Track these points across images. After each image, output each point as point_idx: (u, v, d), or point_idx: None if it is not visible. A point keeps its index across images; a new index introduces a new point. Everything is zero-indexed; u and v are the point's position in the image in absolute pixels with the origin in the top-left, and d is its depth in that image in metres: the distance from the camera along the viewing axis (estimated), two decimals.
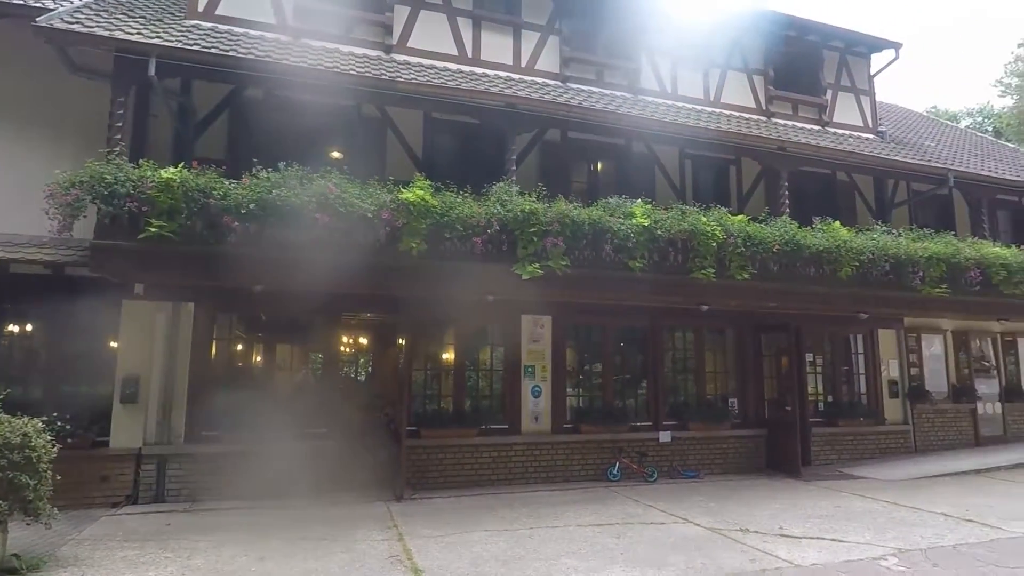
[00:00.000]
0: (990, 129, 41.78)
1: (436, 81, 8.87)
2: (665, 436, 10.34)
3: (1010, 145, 19.78)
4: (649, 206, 8.75)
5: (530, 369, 9.84)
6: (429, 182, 7.63)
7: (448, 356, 10.04)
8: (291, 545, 6.20)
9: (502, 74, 10.31)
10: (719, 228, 8.80)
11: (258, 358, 9.63)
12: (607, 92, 11.00)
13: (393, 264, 7.46)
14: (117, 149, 7.00)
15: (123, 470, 7.94)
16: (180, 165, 6.89)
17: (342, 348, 11.34)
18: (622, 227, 8.27)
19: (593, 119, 9.58)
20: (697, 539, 6.58)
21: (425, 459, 9.15)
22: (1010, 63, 47.50)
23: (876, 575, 5.50)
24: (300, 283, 7.40)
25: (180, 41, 7.77)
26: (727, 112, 11.92)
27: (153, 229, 6.58)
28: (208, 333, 8.64)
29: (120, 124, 7.42)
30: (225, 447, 8.20)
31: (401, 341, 9.77)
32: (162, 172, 6.66)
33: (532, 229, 7.79)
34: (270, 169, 7.11)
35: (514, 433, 9.63)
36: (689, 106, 11.62)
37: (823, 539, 6.62)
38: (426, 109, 9.38)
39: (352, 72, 8.43)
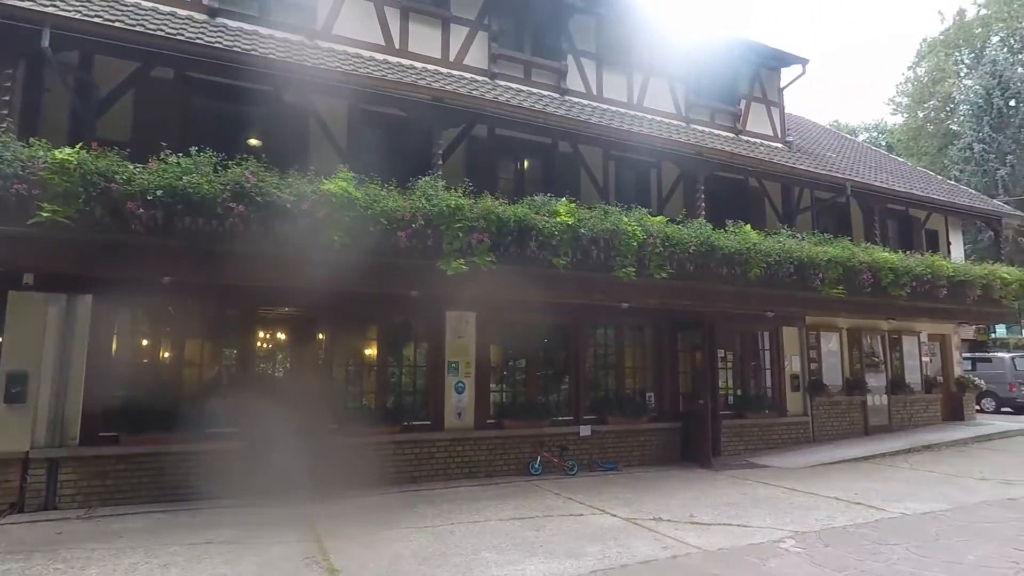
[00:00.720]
0: (884, 143, 45.41)
1: (362, 71, 8.67)
2: (585, 430, 10.61)
3: (900, 159, 21.55)
4: (573, 205, 8.91)
5: (454, 365, 9.82)
6: (353, 174, 7.45)
7: (371, 352, 9.86)
8: (197, 551, 5.91)
9: (430, 67, 10.23)
10: (640, 228, 9.09)
11: (166, 355, 9.07)
12: (535, 91, 11.13)
13: (314, 258, 7.24)
14: (3, 126, 6.40)
15: (7, 476, 7.29)
16: (78, 146, 6.38)
17: (258, 344, 10.89)
18: (547, 225, 8.39)
19: (521, 117, 9.67)
20: (613, 529, 6.80)
21: (347, 457, 8.93)
22: (901, 84, 51.80)
23: (775, 556, 5.88)
24: (213, 276, 7.05)
25: (79, 12, 7.20)
26: (649, 116, 12.35)
27: (45, 214, 6.06)
28: (108, 328, 8.06)
29: (7, 98, 6.79)
30: (126, 449, 7.70)
31: (321, 336, 9.50)
32: (56, 153, 6.15)
33: (458, 225, 7.76)
34: (180, 155, 6.72)
35: (437, 429, 9.59)
36: (614, 108, 11.95)
37: (730, 525, 7.01)
38: (351, 99, 9.16)
39: (272, 56, 8.10)
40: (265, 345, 12.70)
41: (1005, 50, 42.39)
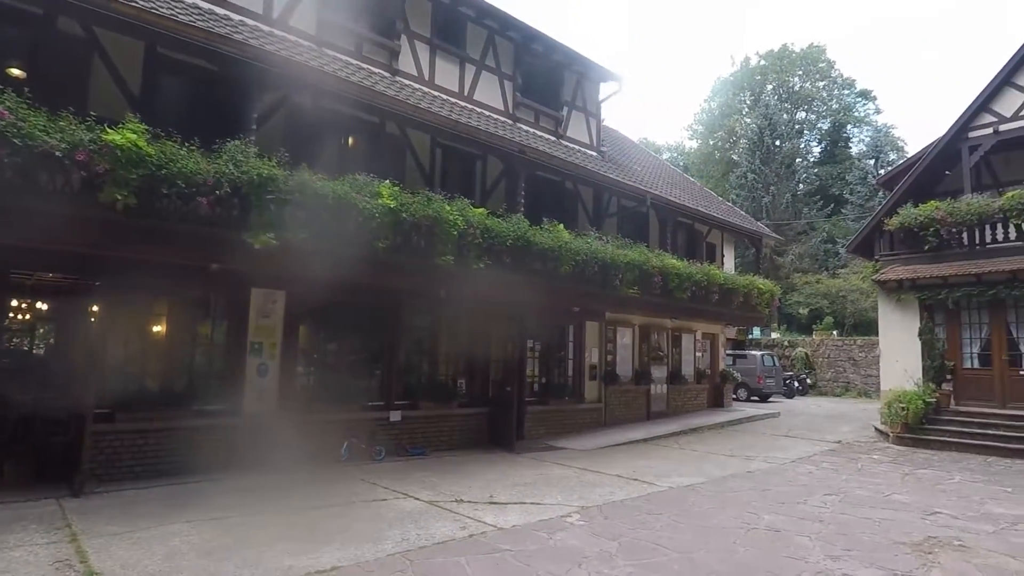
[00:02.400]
0: (682, 164, 51.26)
1: (165, 11, 7.65)
2: (396, 415, 10.57)
3: (692, 179, 24.53)
4: (397, 188, 8.81)
5: (257, 346, 9.17)
6: (146, 126, 6.58)
7: (159, 329, 8.81)
8: None
9: (249, 21, 9.37)
10: (461, 218, 9.27)
11: None
12: (365, 67, 10.76)
13: (91, 217, 6.28)
14: None
15: None
16: None
17: (12, 315, 9.20)
18: (368, 206, 8.19)
19: (346, 91, 9.26)
20: (415, 513, 6.89)
21: (119, 446, 7.90)
22: (698, 114, 58.87)
23: (561, 530, 6.40)
24: None
25: None
26: (479, 109, 12.60)
27: None
28: None
29: None
30: None
31: (96, 309, 8.27)
32: None
33: (270, 196, 7.26)
34: None
35: (235, 414, 8.88)
36: (444, 96, 11.99)
37: (525, 503, 7.48)
38: (148, 40, 8.07)
39: None
40: (22, 316, 10.76)
41: (776, 98, 50.29)
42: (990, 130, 14.46)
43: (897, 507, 7.72)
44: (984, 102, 14.55)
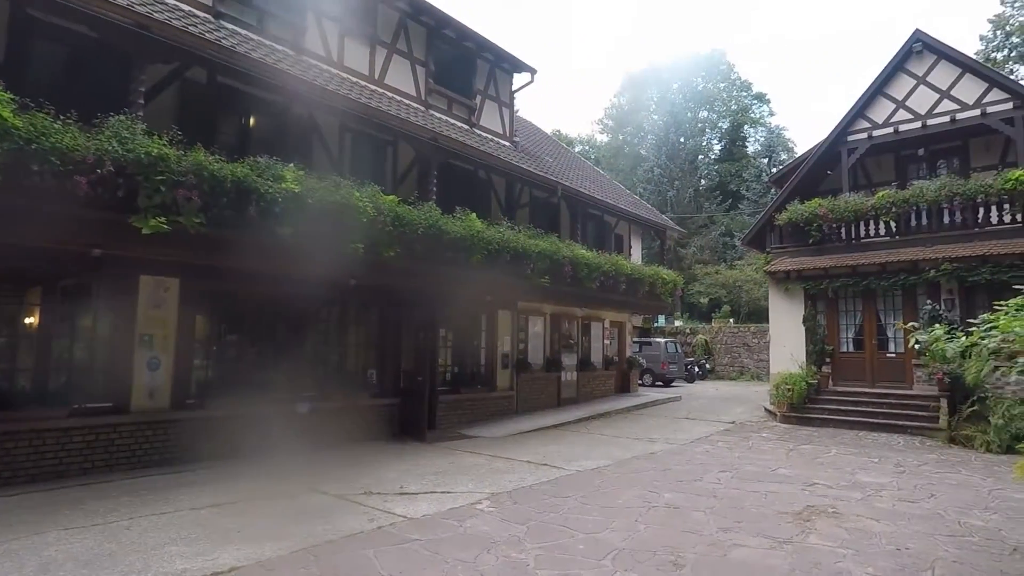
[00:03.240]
0: (593, 157, 52.56)
1: None
2: (304, 408, 10.21)
3: (602, 172, 25.25)
4: (303, 173, 8.45)
5: (147, 338, 8.54)
6: (11, 95, 5.93)
7: (30, 321, 8.01)
8: None
9: None
10: (371, 205, 9.04)
11: None
12: (267, 43, 10.20)
13: None
14: None
15: None
16: None
17: None
18: (271, 190, 7.81)
19: (248, 68, 8.76)
20: (322, 507, 6.70)
21: None
22: (609, 109, 60.51)
23: (472, 517, 6.45)
24: None
25: None
26: (390, 94, 12.31)
27: None
28: None
29: None
30: None
31: None
32: None
33: (160, 177, 6.75)
34: None
35: (120, 412, 8.24)
36: (354, 79, 11.62)
37: (436, 492, 7.46)
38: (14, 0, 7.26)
39: None
40: None
41: (681, 96, 52.58)
42: (865, 135, 15.86)
43: (782, 480, 8.37)
44: (860, 109, 15.92)
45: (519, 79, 16.04)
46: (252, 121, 10.35)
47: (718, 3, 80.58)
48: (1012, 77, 21.71)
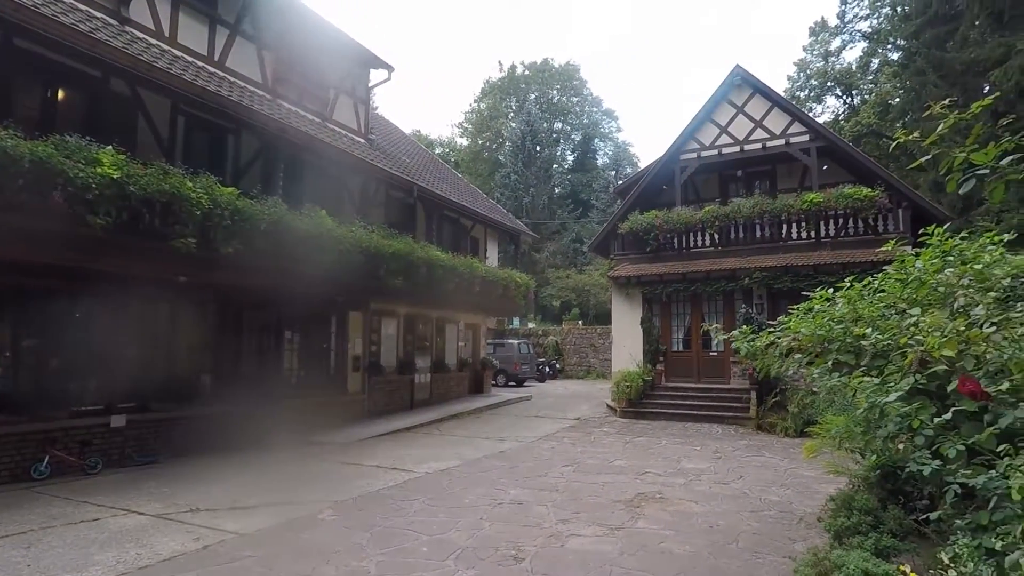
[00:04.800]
0: (453, 160, 52.84)
1: None
2: (119, 420, 9.12)
3: (460, 176, 25.47)
4: (123, 157, 7.57)
5: None
6: None
7: None
8: None
9: None
10: (206, 197, 8.34)
11: None
12: (83, 7, 9.00)
13: None
14: None
15: None
16: None
17: None
18: (82, 174, 6.90)
19: (51, 32, 7.62)
20: (138, 529, 6.03)
21: None
22: (468, 113, 61.22)
23: (312, 527, 6.17)
24: None
25: None
26: (231, 78, 11.43)
27: None
28: None
29: None
30: None
31: None
32: None
33: None
34: None
35: None
36: (190, 59, 10.62)
37: (275, 504, 7.04)
38: None
39: None
40: None
41: (537, 107, 54.61)
42: (695, 155, 17.56)
43: (618, 471, 8.99)
44: (692, 131, 17.62)
45: (376, 75, 15.69)
46: (61, 94, 9.07)
47: (576, 16, 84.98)
48: (811, 115, 25.29)
